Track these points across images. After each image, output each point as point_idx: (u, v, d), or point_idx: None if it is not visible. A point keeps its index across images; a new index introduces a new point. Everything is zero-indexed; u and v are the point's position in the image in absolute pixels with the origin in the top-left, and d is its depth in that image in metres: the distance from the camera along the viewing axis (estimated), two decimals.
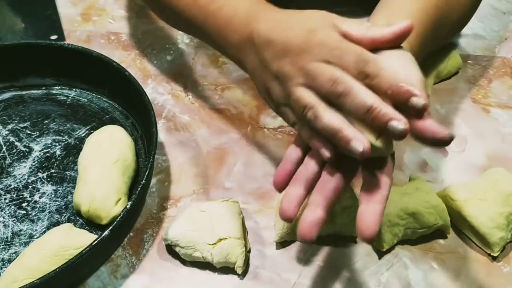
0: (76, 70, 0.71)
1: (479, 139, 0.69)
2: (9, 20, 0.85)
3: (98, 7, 0.88)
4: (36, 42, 0.71)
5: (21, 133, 0.68)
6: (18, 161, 0.65)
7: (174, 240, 0.55)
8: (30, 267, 0.53)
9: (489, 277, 0.56)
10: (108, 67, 0.67)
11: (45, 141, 0.67)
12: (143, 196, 0.62)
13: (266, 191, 0.63)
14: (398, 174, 0.65)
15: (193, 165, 0.66)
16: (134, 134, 0.67)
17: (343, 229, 0.57)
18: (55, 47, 0.70)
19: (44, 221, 0.59)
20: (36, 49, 0.70)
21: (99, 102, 0.71)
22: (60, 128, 0.68)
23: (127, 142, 0.63)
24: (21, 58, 0.71)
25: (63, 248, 0.53)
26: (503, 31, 0.84)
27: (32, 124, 0.69)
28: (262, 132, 0.70)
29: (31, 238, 0.58)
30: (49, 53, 0.70)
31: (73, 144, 0.66)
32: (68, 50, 0.69)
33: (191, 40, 0.82)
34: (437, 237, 0.59)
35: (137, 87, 0.64)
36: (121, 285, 0.55)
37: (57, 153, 0.66)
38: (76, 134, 0.67)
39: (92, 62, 0.68)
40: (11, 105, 0.71)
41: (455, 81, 0.76)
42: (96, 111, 0.70)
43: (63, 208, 0.61)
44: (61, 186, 0.62)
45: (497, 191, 0.58)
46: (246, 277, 0.56)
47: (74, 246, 0.54)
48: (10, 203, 0.61)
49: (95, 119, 0.69)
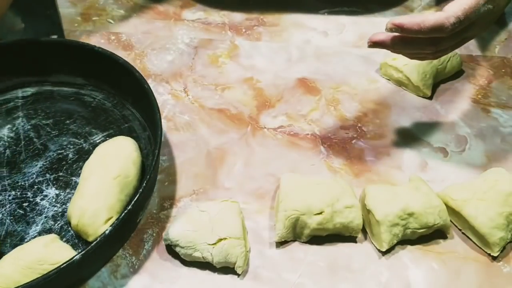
0: (105, 73, 0.71)
1: (479, 139, 0.69)
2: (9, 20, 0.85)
3: (98, 7, 0.88)
4: (68, 41, 0.72)
5: (42, 130, 0.68)
6: (31, 158, 0.65)
7: (174, 240, 0.55)
8: (4, 274, 0.52)
9: (489, 277, 0.56)
10: (131, 76, 0.66)
11: (62, 142, 0.67)
12: (133, 216, 0.58)
13: (266, 191, 0.63)
14: (398, 174, 0.65)
15: (193, 165, 0.66)
16: (147, 148, 0.66)
17: (343, 229, 0.57)
18: (86, 48, 0.70)
19: (38, 226, 0.59)
20: (67, 48, 0.70)
21: (122, 109, 0.71)
22: (78, 130, 0.68)
23: (133, 158, 0.61)
24: (55, 55, 0.71)
25: (39, 261, 0.52)
26: (503, 31, 0.84)
27: (54, 122, 0.69)
28: (262, 132, 0.70)
29: (21, 241, 0.58)
30: (80, 54, 0.70)
31: (86, 149, 0.66)
32: (97, 54, 0.69)
33: (191, 40, 0.82)
34: (437, 237, 0.59)
35: (153, 102, 0.62)
36: (121, 285, 0.55)
37: (69, 156, 0.66)
38: (91, 139, 0.67)
39: (118, 68, 0.68)
40: (40, 99, 0.72)
41: (455, 81, 0.76)
42: (117, 118, 0.70)
43: (59, 215, 0.60)
44: (63, 192, 0.62)
45: (497, 191, 0.58)
46: (246, 277, 0.56)
47: (50, 261, 0.52)
48: (12, 201, 0.61)
49: (114, 126, 0.69)
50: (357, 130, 0.70)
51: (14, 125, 0.69)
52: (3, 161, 0.65)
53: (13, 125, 0.69)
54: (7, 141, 0.67)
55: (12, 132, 0.68)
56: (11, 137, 0.67)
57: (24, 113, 0.70)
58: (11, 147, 0.66)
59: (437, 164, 0.66)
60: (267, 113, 0.72)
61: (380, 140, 0.69)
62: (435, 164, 0.66)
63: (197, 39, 0.82)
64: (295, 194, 0.58)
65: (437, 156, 0.67)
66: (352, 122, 0.71)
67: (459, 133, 0.70)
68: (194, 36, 0.83)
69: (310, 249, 0.58)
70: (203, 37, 0.82)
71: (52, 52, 0.71)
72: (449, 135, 0.69)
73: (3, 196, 0.62)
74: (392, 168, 0.66)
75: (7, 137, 0.67)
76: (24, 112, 0.70)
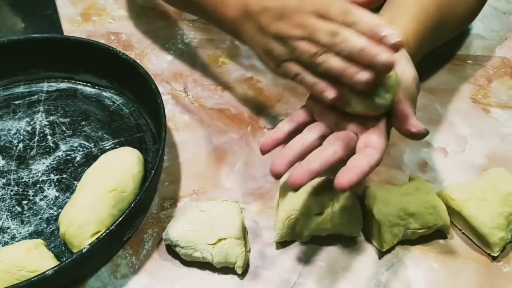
0: (126, 79, 0.71)
1: (479, 139, 0.69)
2: (9, 20, 0.86)
3: (98, 7, 0.88)
4: (96, 42, 0.71)
5: (57, 128, 0.69)
6: (41, 156, 0.66)
7: (174, 240, 0.55)
8: None
9: (489, 277, 0.56)
10: (147, 87, 0.65)
11: (73, 143, 0.67)
12: (118, 234, 0.56)
13: (266, 191, 0.63)
14: (398, 174, 0.65)
15: (193, 165, 0.66)
16: (152, 162, 0.64)
17: (343, 229, 0.57)
18: (111, 52, 0.69)
19: (31, 226, 0.59)
20: (93, 49, 0.71)
21: (138, 118, 0.70)
22: (91, 133, 0.68)
23: (134, 172, 0.59)
24: (82, 54, 0.71)
25: (18, 267, 0.52)
26: (503, 31, 0.84)
27: (70, 122, 0.70)
28: (262, 132, 0.70)
29: (12, 239, 0.58)
30: (104, 56, 0.70)
31: (94, 154, 0.66)
32: (120, 59, 0.68)
33: (191, 40, 0.82)
34: (437, 237, 0.59)
35: (163, 117, 0.62)
36: (121, 285, 0.55)
37: (76, 159, 0.66)
38: (101, 145, 0.67)
39: (137, 77, 0.67)
40: (63, 96, 0.73)
41: (455, 81, 0.76)
42: (131, 125, 0.69)
43: (53, 219, 0.60)
44: (63, 195, 0.62)
45: (497, 191, 0.58)
46: (246, 277, 0.56)
47: (28, 268, 0.52)
48: (13, 196, 0.62)
49: (126, 134, 0.68)
50: None
51: (32, 119, 0.70)
52: (14, 154, 0.66)
53: (31, 119, 0.70)
54: (22, 134, 0.68)
55: (29, 126, 0.69)
56: (27, 131, 0.68)
57: (44, 108, 0.71)
58: (25, 141, 0.67)
59: (437, 164, 0.66)
60: (267, 113, 0.72)
61: None
62: (435, 164, 0.66)
63: (197, 39, 0.82)
64: (295, 194, 0.57)
65: (437, 156, 0.67)
66: None
67: (459, 133, 0.70)
68: (194, 36, 0.83)
69: (310, 249, 0.58)
70: (203, 37, 0.82)
71: (80, 51, 0.71)
72: (449, 135, 0.69)
73: (5, 190, 0.62)
74: (392, 168, 0.66)
75: (24, 130, 0.68)
76: (45, 107, 0.71)
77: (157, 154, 0.59)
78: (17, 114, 0.70)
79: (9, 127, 0.69)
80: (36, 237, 0.58)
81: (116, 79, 0.72)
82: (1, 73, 0.73)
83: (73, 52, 0.72)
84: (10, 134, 0.68)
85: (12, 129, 0.69)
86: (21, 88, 0.74)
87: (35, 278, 0.49)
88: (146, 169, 0.62)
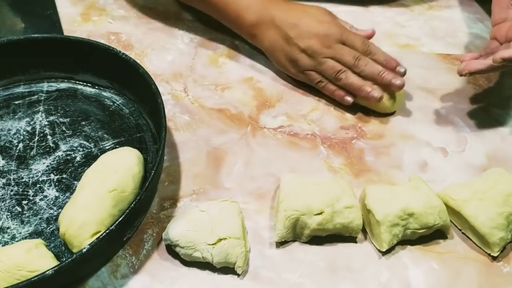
0: (126, 79, 0.70)
1: (479, 139, 0.69)
2: (9, 20, 0.86)
3: (98, 7, 0.88)
4: (96, 42, 0.71)
5: (57, 128, 0.69)
6: (41, 156, 0.66)
7: (174, 240, 0.55)
8: None
9: (489, 277, 0.56)
10: (147, 87, 0.65)
11: (73, 143, 0.67)
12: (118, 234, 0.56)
13: (266, 191, 0.63)
14: (398, 174, 0.65)
15: (193, 165, 0.66)
16: (152, 162, 0.64)
17: (343, 229, 0.57)
18: (111, 52, 0.69)
19: (31, 226, 0.59)
20: (93, 49, 0.70)
21: (138, 118, 0.70)
22: (91, 133, 0.68)
23: (134, 172, 0.59)
24: (83, 54, 0.71)
25: (18, 267, 0.52)
26: None
27: (70, 122, 0.69)
28: (262, 132, 0.70)
29: (12, 239, 0.58)
30: (104, 56, 0.70)
31: (94, 155, 0.66)
32: (120, 59, 0.68)
33: (191, 40, 0.82)
34: (437, 237, 0.59)
35: (163, 117, 0.61)
36: (121, 285, 0.55)
37: (76, 159, 0.65)
38: (101, 145, 0.67)
39: (137, 77, 0.67)
40: (63, 96, 0.73)
41: (455, 81, 0.76)
42: (131, 125, 0.69)
43: (53, 219, 0.60)
44: (63, 195, 0.62)
45: (497, 191, 0.58)
46: (246, 277, 0.56)
47: (28, 268, 0.52)
48: (13, 196, 0.62)
49: (126, 134, 0.68)
50: (357, 130, 0.70)
51: (32, 119, 0.70)
52: (14, 154, 0.66)
53: (31, 119, 0.70)
54: (22, 134, 0.68)
55: (29, 126, 0.69)
56: (27, 131, 0.68)
57: (44, 108, 0.71)
58: (25, 141, 0.67)
59: (437, 164, 0.66)
60: (267, 113, 0.72)
61: (380, 140, 0.69)
62: (435, 164, 0.66)
63: (197, 39, 0.82)
64: (295, 194, 0.58)
65: (437, 156, 0.67)
66: (352, 122, 0.71)
67: (459, 133, 0.70)
68: (194, 36, 0.83)
69: (310, 249, 0.58)
70: (203, 37, 0.82)
71: (80, 51, 0.71)
72: (449, 135, 0.69)
73: (5, 190, 0.62)
74: (392, 168, 0.66)
75: (24, 130, 0.68)
76: (45, 107, 0.71)
77: (157, 154, 0.59)
78: (17, 114, 0.70)
79: (9, 127, 0.69)
80: (36, 237, 0.58)
81: (116, 79, 0.72)
82: (1, 73, 0.73)
83: (73, 52, 0.71)
84: (10, 134, 0.68)
85: (12, 129, 0.68)
86: (21, 88, 0.74)
87: (35, 278, 0.49)
88: (146, 169, 0.62)
